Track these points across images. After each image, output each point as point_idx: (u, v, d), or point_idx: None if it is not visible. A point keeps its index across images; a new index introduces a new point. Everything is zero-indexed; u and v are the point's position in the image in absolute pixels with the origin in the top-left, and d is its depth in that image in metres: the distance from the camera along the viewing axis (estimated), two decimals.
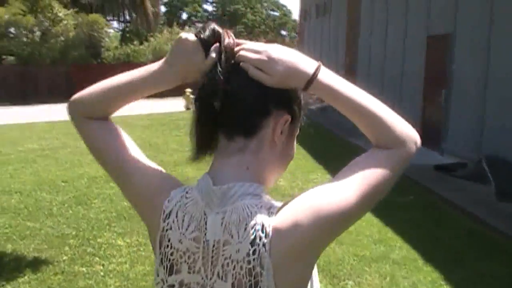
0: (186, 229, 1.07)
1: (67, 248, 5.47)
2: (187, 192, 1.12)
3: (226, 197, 1.06)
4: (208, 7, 60.22)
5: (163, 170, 1.20)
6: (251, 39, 1.12)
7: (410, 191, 7.57)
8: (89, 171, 8.74)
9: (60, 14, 24.74)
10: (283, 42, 1.11)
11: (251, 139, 1.09)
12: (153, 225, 1.13)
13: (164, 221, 1.10)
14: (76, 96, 1.19)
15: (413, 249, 5.63)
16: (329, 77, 1.08)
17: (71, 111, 1.20)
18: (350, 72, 15.64)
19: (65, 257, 5.21)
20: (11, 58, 27.42)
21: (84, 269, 4.93)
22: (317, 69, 1.08)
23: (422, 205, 7.31)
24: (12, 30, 24.90)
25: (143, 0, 30.66)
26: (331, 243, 1.09)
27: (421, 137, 1.12)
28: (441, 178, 8.58)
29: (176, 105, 20.99)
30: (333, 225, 1.01)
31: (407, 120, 1.11)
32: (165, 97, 21.48)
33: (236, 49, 1.08)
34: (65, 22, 25.33)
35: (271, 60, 1.05)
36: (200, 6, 57.12)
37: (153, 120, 17.04)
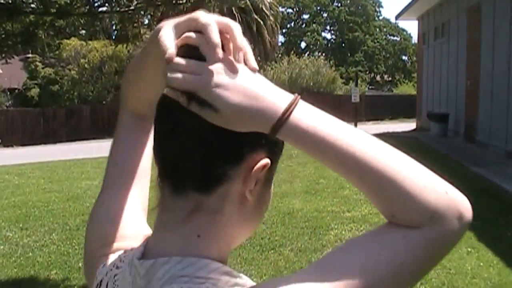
0: None
1: None
2: (120, 260, 0.81)
3: (154, 277, 0.73)
4: (327, 35, 60.32)
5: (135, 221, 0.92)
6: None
7: None
8: None
9: None
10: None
11: (210, 194, 0.75)
12: None
13: None
14: None
15: None
16: (311, 116, 0.72)
17: None
18: (472, 95, 14.81)
19: None
20: None
21: None
22: (292, 105, 0.71)
23: None
24: None
25: (261, 31, 31.32)
26: None
27: None
28: None
29: None
30: None
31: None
32: None
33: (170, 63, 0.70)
34: None
35: (215, 86, 0.69)
36: (319, 34, 57.31)
37: None
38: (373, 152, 0.72)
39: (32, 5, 4.41)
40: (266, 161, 0.75)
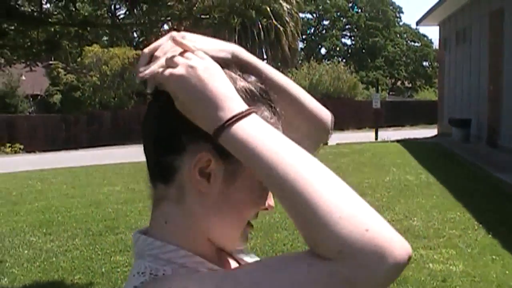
0: None
1: None
2: None
3: (138, 250, 0.84)
4: (347, 41, 60.11)
5: None
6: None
7: None
8: None
9: None
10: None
11: (170, 185, 0.82)
12: None
13: None
14: None
15: None
16: (252, 129, 0.73)
17: None
18: (494, 100, 14.65)
19: None
20: None
21: None
22: (241, 114, 0.74)
23: None
24: None
25: (280, 38, 31.33)
26: None
27: None
28: None
29: None
30: None
31: None
32: None
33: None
34: None
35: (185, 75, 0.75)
36: (338, 40, 57.17)
37: None
38: (295, 172, 0.70)
39: (58, 16, 4.48)
40: (204, 155, 0.78)
